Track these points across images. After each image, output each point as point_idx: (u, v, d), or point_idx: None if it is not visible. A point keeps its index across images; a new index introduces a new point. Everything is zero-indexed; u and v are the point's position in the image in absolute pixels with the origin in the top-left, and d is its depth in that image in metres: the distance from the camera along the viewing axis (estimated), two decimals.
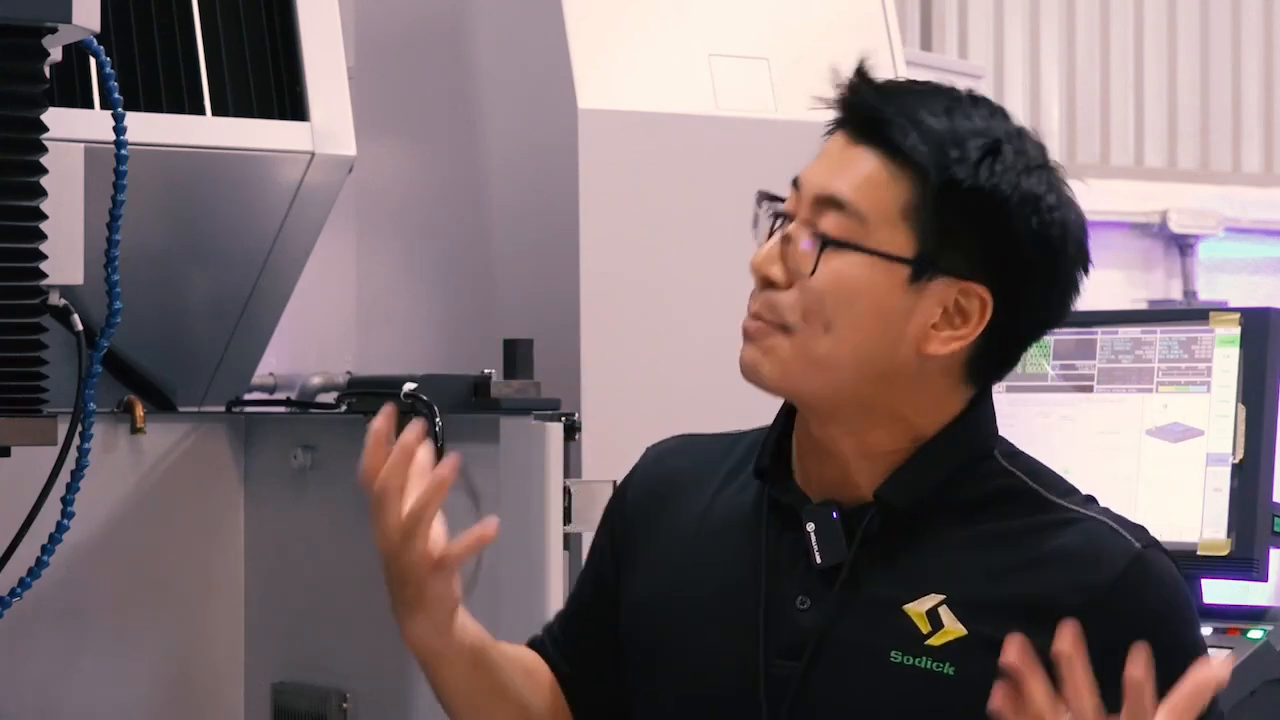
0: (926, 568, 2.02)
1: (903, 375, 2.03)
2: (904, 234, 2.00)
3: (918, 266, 2.00)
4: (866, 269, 2.00)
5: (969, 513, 2.05)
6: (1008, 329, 2.04)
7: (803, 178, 2.06)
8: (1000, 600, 1.99)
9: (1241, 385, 3.24)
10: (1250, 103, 10.82)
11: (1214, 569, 3.23)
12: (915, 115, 2.02)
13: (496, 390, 3.09)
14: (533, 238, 3.46)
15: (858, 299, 2.00)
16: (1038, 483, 2.07)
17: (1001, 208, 1.99)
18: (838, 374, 2.02)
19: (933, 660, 1.98)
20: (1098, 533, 2.03)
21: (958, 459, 2.06)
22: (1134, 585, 2.00)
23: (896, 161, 2.00)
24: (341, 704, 3.33)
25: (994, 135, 2.02)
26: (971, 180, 1.99)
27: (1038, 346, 3.43)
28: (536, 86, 3.45)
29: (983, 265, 2.00)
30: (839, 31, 3.62)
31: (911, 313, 2.01)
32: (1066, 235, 2.03)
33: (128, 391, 3.39)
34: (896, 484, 2.05)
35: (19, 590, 2.88)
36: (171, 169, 3.10)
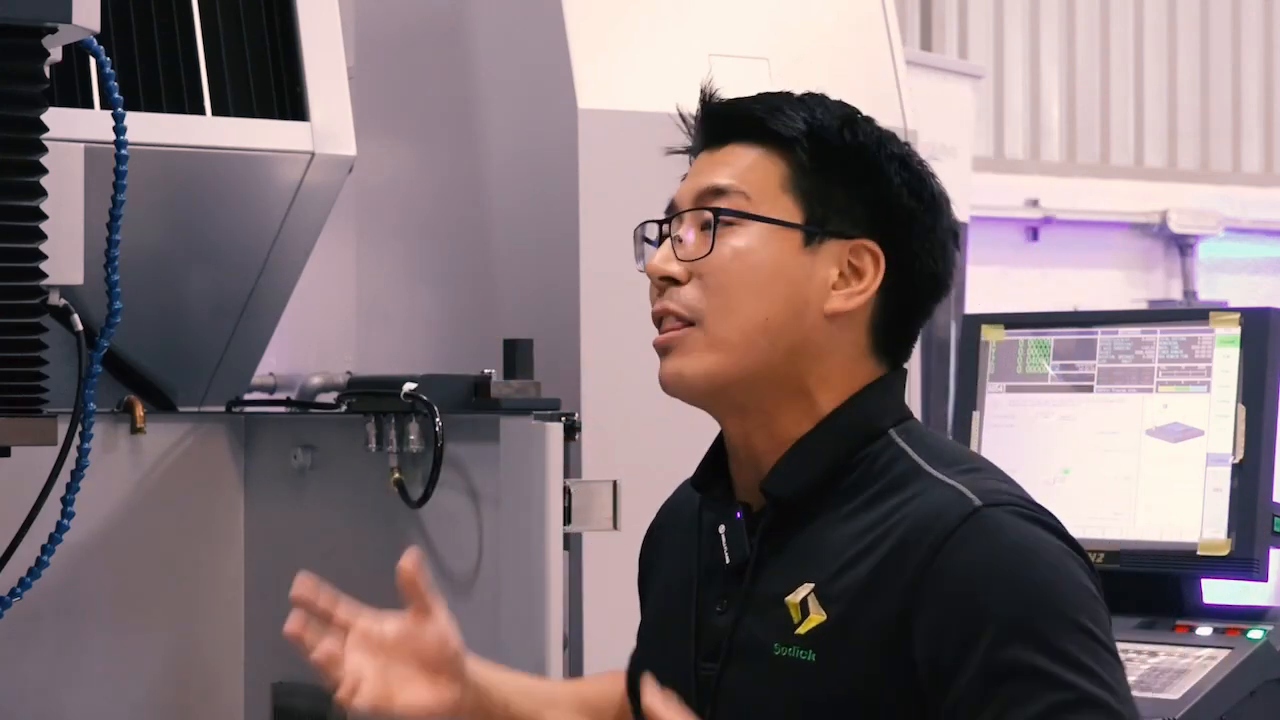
0: (807, 557, 2.06)
1: (812, 342, 2.09)
2: (790, 204, 2.10)
3: (808, 230, 2.09)
4: (760, 239, 2.09)
5: (854, 495, 2.08)
6: (903, 287, 2.12)
7: (677, 195, 2.16)
8: (857, 580, 2.00)
9: (1241, 385, 3.24)
10: (1250, 103, 10.82)
11: (1214, 569, 3.23)
12: (774, 103, 2.15)
13: (496, 390, 3.09)
14: (533, 238, 3.46)
15: (757, 269, 2.08)
16: (923, 456, 2.08)
17: (872, 162, 2.11)
18: (752, 350, 2.08)
19: (799, 648, 2.02)
20: (943, 496, 2.01)
21: (844, 443, 2.10)
22: (958, 544, 1.96)
23: (767, 144, 2.12)
24: None
25: (847, 111, 2.16)
26: (839, 141, 2.11)
27: (1038, 346, 3.44)
28: (536, 86, 3.45)
29: (868, 222, 2.11)
30: (839, 31, 3.63)
31: (810, 276, 2.09)
32: (936, 191, 2.14)
33: (128, 391, 3.39)
34: (779, 476, 2.10)
35: (19, 590, 2.88)
36: (171, 169, 3.10)
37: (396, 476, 3.12)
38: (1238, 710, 3.08)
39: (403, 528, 3.16)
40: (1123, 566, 3.25)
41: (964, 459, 2.10)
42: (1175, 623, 3.23)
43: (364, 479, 3.23)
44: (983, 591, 1.94)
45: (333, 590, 2.17)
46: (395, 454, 3.12)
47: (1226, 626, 3.19)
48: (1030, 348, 3.45)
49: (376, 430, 3.17)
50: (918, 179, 2.13)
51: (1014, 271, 9.83)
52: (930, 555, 1.96)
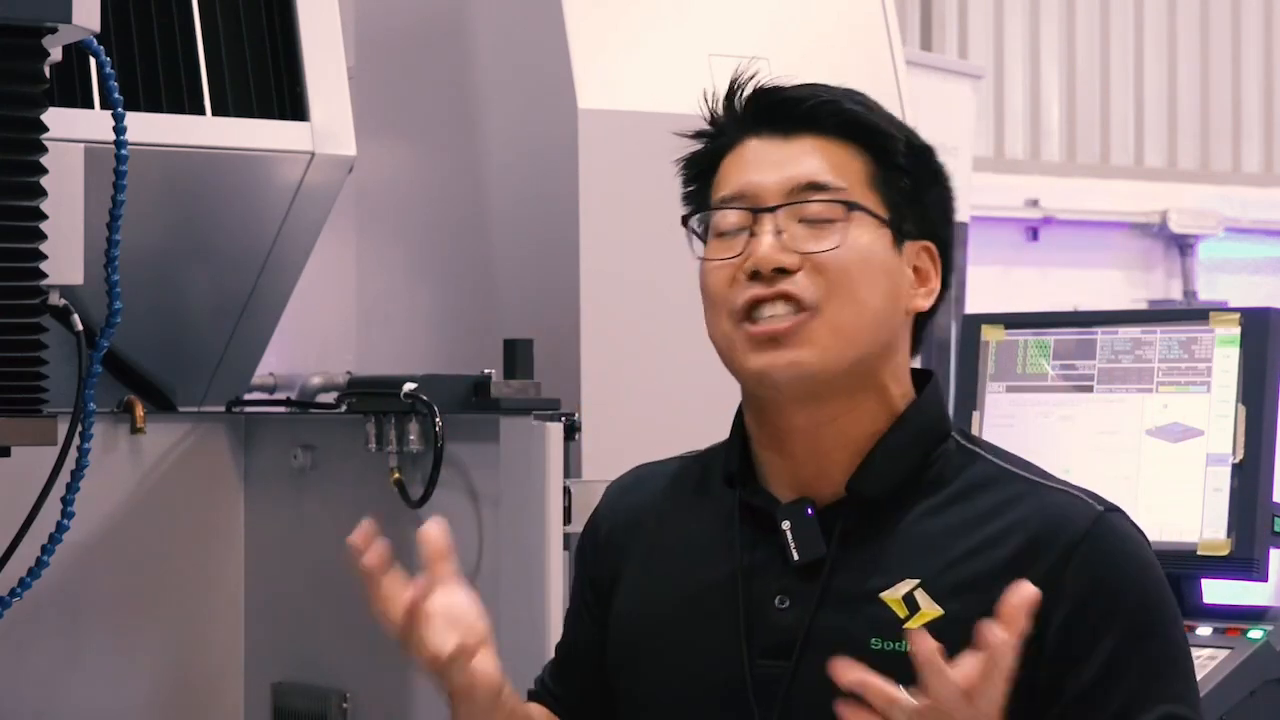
0: (899, 553, 2.06)
1: (897, 338, 2.14)
2: (877, 201, 2.12)
3: (896, 229, 2.12)
4: (871, 234, 2.11)
5: (935, 493, 2.10)
6: (943, 290, 2.18)
7: (757, 184, 2.12)
8: (972, 577, 2.03)
9: (1241, 385, 3.24)
10: (1250, 103, 10.83)
11: (1214, 569, 3.23)
12: (835, 95, 2.14)
13: (496, 390, 3.09)
14: (533, 238, 3.46)
15: (872, 263, 2.10)
16: (999, 459, 2.14)
17: (935, 167, 2.17)
18: (859, 344, 2.09)
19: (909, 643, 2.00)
20: (1059, 500, 2.09)
21: (924, 444, 2.13)
22: (1096, 545, 2.06)
23: (845, 139, 2.12)
24: (341, 704, 3.33)
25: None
26: (917, 142, 2.16)
27: (1038, 346, 3.44)
28: (536, 86, 3.44)
29: (925, 225, 2.15)
30: (839, 31, 3.63)
31: (902, 273, 2.13)
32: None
33: (128, 391, 3.39)
34: (867, 474, 2.10)
35: (19, 590, 2.88)
36: (171, 169, 3.10)
37: (396, 476, 3.12)
38: (1238, 710, 3.08)
39: (403, 528, 3.15)
40: None
41: (1024, 459, 2.17)
42: None
43: (364, 479, 3.23)
44: (1115, 593, 2.04)
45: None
46: (395, 454, 3.12)
47: (1226, 626, 3.19)
48: (1030, 348, 3.45)
49: (376, 430, 3.17)
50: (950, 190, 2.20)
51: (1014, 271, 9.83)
52: (1066, 555, 2.04)
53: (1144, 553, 2.10)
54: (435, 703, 3.16)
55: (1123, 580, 2.05)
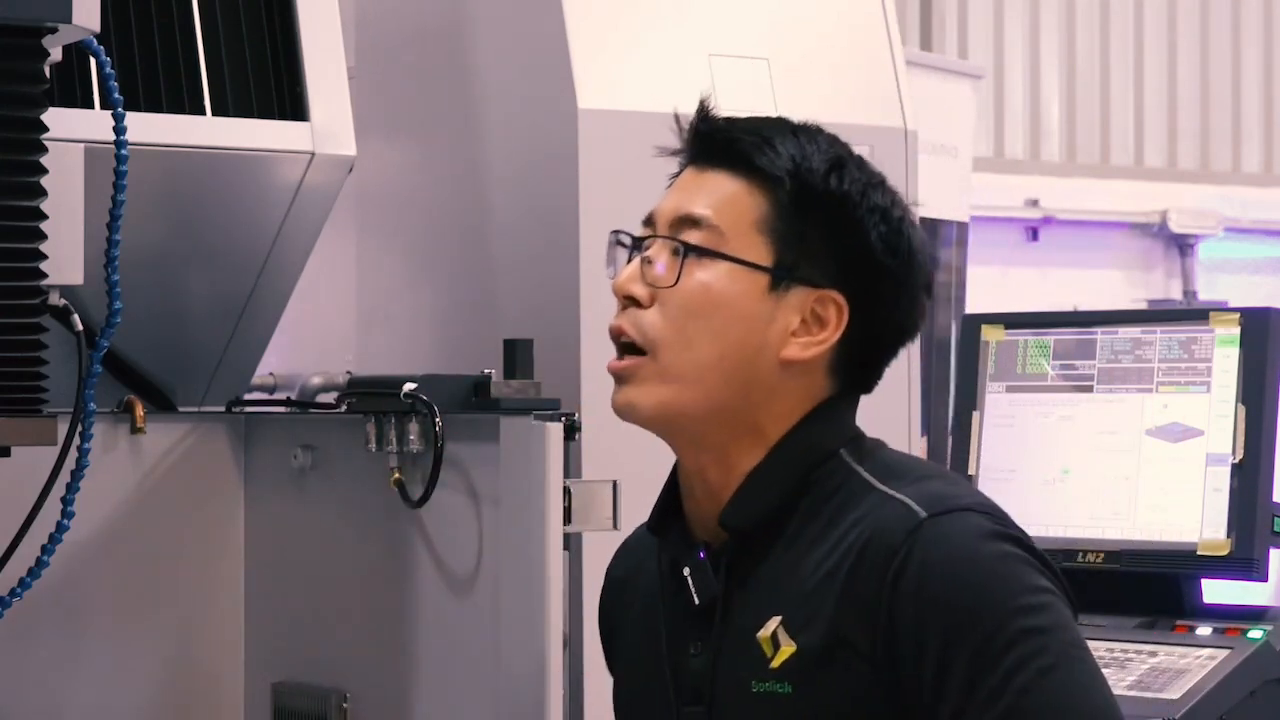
0: (772, 589, 2.06)
1: (764, 384, 2.08)
2: (761, 245, 2.08)
3: (776, 274, 2.08)
4: (727, 278, 2.08)
5: (810, 521, 2.07)
6: (865, 337, 2.11)
7: (656, 209, 2.16)
8: (823, 607, 2.01)
9: (1241, 385, 3.24)
10: (1250, 103, 10.83)
11: (1214, 569, 3.23)
12: (765, 135, 2.12)
13: (496, 390, 3.09)
14: (533, 237, 3.46)
15: (720, 307, 2.07)
16: (872, 472, 2.08)
17: (852, 214, 2.09)
18: (704, 387, 2.07)
19: (775, 682, 2.02)
20: (890, 513, 2.02)
21: (794, 468, 2.09)
22: (914, 561, 1.98)
23: (750, 178, 2.10)
24: (341, 704, 3.33)
25: (838, 154, 2.12)
26: (823, 187, 2.08)
27: (1038, 346, 3.44)
28: (536, 86, 3.44)
29: (837, 273, 2.09)
30: (839, 31, 3.63)
31: (771, 320, 2.08)
32: (913, 246, 2.12)
33: (128, 391, 3.39)
34: (737, 506, 2.09)
35: (19, 590, 2.88)
36: (171, 169, 3.10)
37: (396, 476, 3.12)
38: (1238, 710, 3.08)
39: (403, 528, 3.16)
40: (1123, 566, 3.25)
41: (915, 469, 2.10)
42: (1175, 623, 3.24)
43: (364, 479, 3.23)
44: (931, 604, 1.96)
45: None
46: (395, 454, 3.12)
47: (1226, 626, 3.19)
48: (1030, 348, 3.45)
49: (376, 430, 3.17)
50: (895, 233, 2.10)
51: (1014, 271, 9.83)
52: (883, 574, 1.98)
53: (970, 550, 1.98)
54: (435, 703, 3.17)
55: (944, 586, 1.96)
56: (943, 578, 1.97)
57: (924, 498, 2.02)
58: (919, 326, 2.15)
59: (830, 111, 3.44)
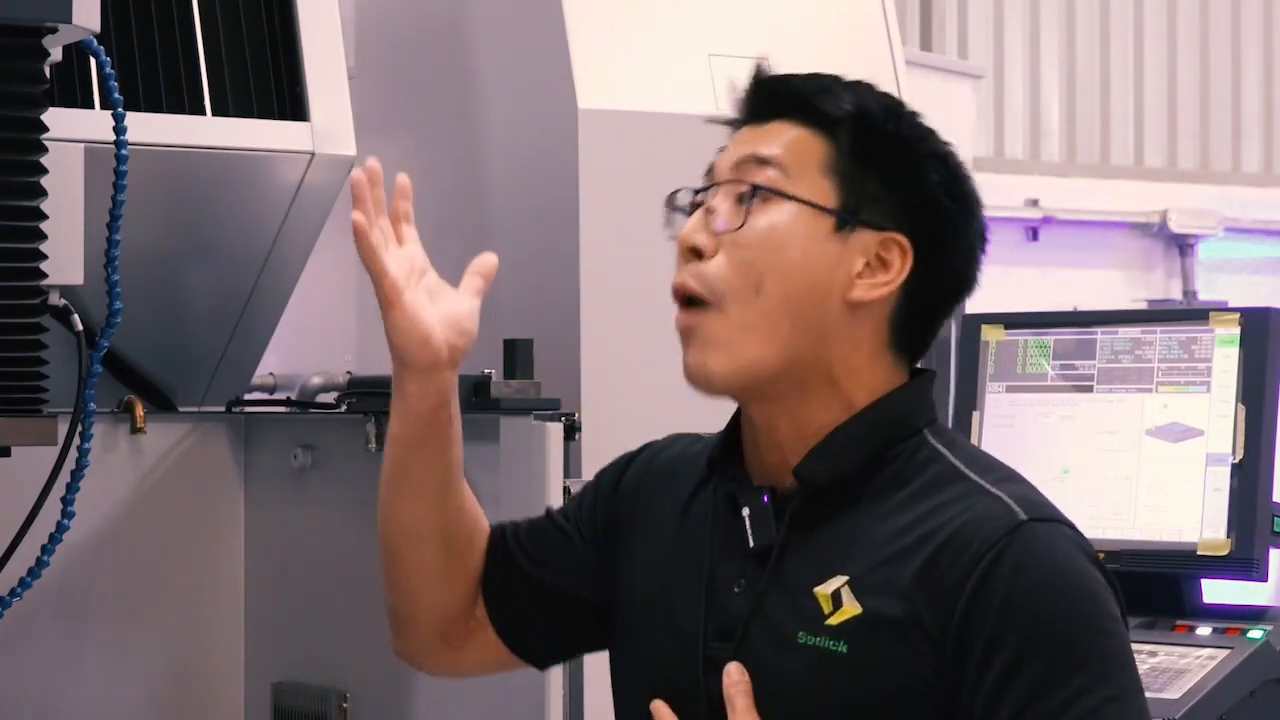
0: (838, 549, 2.06)
1: (834, 330, 2.08)
2: (827, 187, 2.09)
3: (841, 216, 2.08)
4: (793, 218, 2.08)
5: (889, 491, 2.07)
6: (927, 285, 2.12)
7: (715, 163, 2.15)
8: (898, 579, 2.01)
9: (1241, 385, 3.24)
10: (1250, 103, 10.82)
11: (1214, 569, 3.23)
12: (823, 84, 2.14)
13: (496, 390, 3.08)
14: (533, 237, 3.46)
15: (786, 248, 2.07)
16: (959, 459, 2.09)
17: (913, 157, 2.11)
18: (775, 335, 2.07)
19: (829, 639, 2.01)
20: (987, 507, 2.03)
21: (880, 436, 2.09)
22: (1008, 560, 1.98)
23: (810, 124, 2.11)
24: (341, 704, 3.33)
25: (892, 102, 2.15)
26: (884, 130, 2.11)
27: (1038, 346, 3.44)
28: (536, 86, 3.44)
29: (901, 216, 2.10)
30: (839, 31, 3.63)
31: (838, 262, 2.08)
32: (971, 193, 2.14)
33: (128, 391, 3.39)
34: (815, 461, 2.09)
35: (19, 590, 2.88)
36: (171, 169, 3.10)
37: None
38: (1238, 710, 3.08)
39: None
40: (1123, 566, 3.25)
41: (999, 466, 2.11)
42: (1175, 623, 3.24)
43: (364, 479, 3.23)
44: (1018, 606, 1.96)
45: None
46: None
47: (1226, 626, 3.19)
48: (1030, 348, 3.45)
49: (376, 430, 3.17)
50: (955, 179, 2.12)
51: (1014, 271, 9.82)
52: (974, 564, 1.98)
53: (1066, 564, 2.00)
54: (435, 702, 3.17)
55: (1027, 595, 1.96)
56: (1034, 583, 1.97)
57: (1022, 500, 2.03)
58: (976, 278, 2.16)
59: None
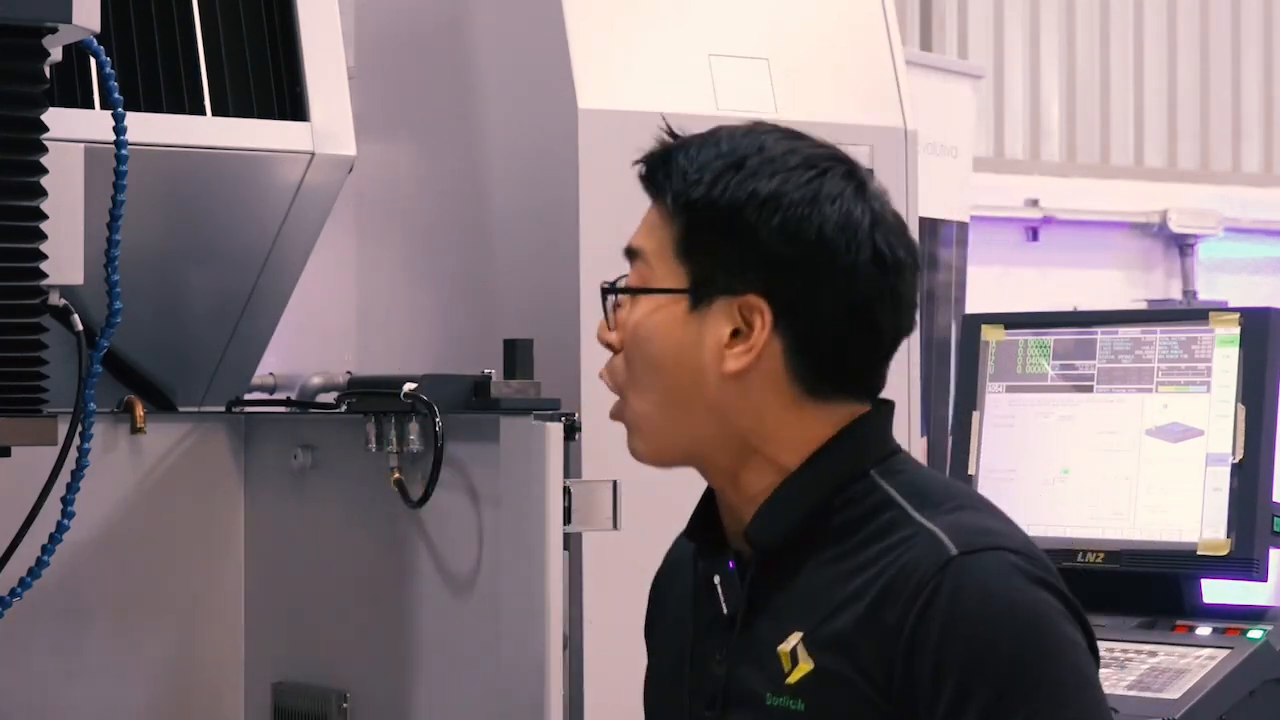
0: (797, 605, 2.05)
1: (728, 405, 2.06)
2: (678, 268, 2.07)
3: (694, 294, 2.06)
4: (652, 310, 2.08)
5: (840, 540, 2.05)
6: (805, 330, 2.05)
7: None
8: (843, 629, 2.00)
9: (1241, 385, 3.24)
10: (1250, 103, 10.82)
11: (1214, 569, 3.23)
12: (675, 157, 2.09)
13: (496, 390, 3.09)
14: (533, 237, 3.46)
15: (649, 341, 2.08)
16: (907, 497, 2.05)
17: (739, 215, 2.04)
18: (672, 423, 2.08)
19: (789, 697, 2.02)
20: (923, 546, 1.99)
21: (819, 490, 2.07)
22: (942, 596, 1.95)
23: (664, 204, 2.09)
24: (341, 704, 3.33)
25: (741, 153, 2.06)
26: (704, 196, 2.05)
27: (1038, 346, 3.44)
28: (536, 86, 3.44)
29: (750, 275, 2.04)
30: (839, 31, 3.62)
31: (699, 339, 2.06)
32: (824, 228, 2.03)
33: (128, 391, 3.39)
34: (760, 523, 2.08)
35: (19, 590, 2.88)
36: (171, 169, 3.10)
37: (396, 476, 3.12)
38: (1238, 710, 3.08)
39: (403, 528, 3.16)
40: (1123, 566, 3.25)
41: (950, 496, 2.07)
42: (1175, 623, 3.24)
43: (364, 479, 3.23)
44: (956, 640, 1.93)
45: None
46: (395, 454, 3.12)
47: (1226, 626, 3.19)
48: (1030, 348, 3.45)
49: (376, 430, 3.17)
50: (797, 220, 2.03)
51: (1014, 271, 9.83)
52: (909, 605, 1.96)
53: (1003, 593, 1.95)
54: (435, 703, 3.17)
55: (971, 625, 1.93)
56: (969, 616, 1.94)
57: (957, 531, 1.99)
58: (881, 302, 2.06)
59: (830, 111, 3.45)
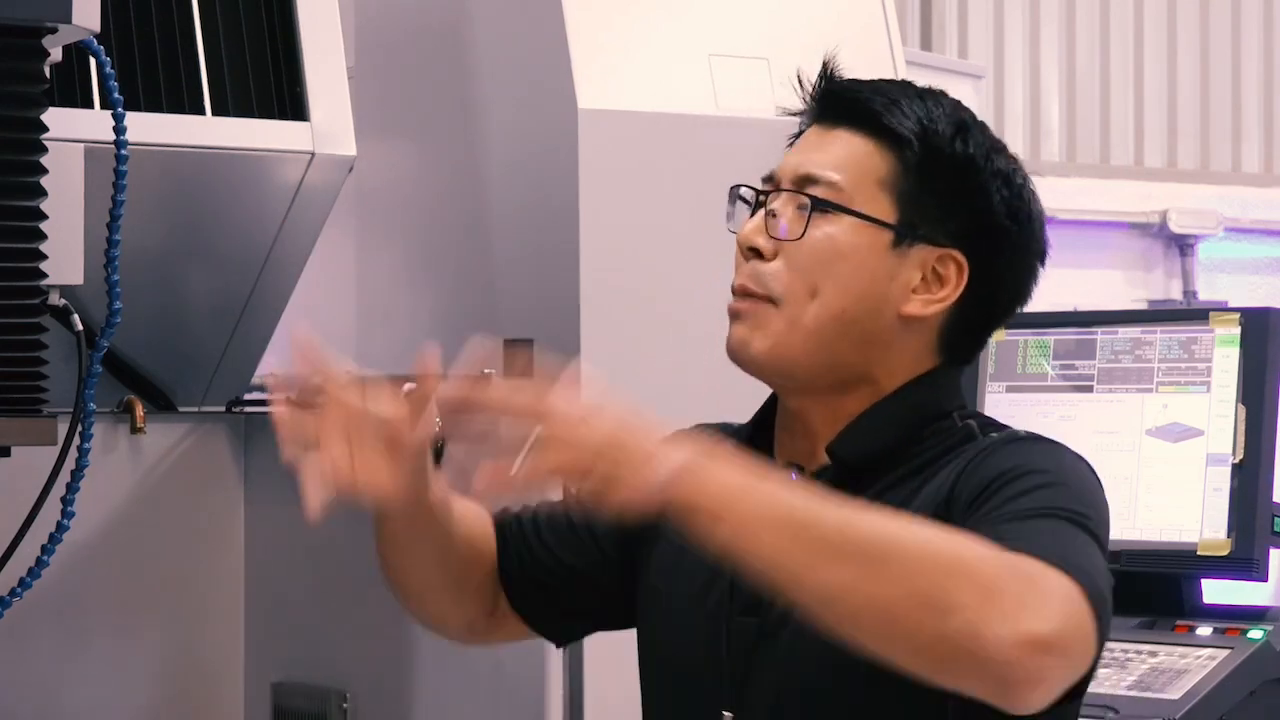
0: None
1: (882, 340, 2.13)
2: (885, 203, 2.13)
3: (899, 232, 2.12)
4: (852, 233, 2.12)
5: (918, 468, 2.12)
6: (981, 300, 2.16)
7: (779, 165, 2.18)
8: None
9: (1241, 385, 3.24)
10: (1250, 103, 10.82)
11: (1214, 569, 3.23)
12: (893, 96, 2.17)
13: None
14: (533, 237, 3.46)
15: (843, 260, 2.11)
16: (984, 430, 2.15)
17: (977, 177, 2.14)
18: (823, 339, 2.11)
19: None
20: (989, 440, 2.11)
21: (908, 417, 2.14)
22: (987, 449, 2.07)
23: (875, 137, 2.14)
24: (341, 704, 3.33)
25: (963, 117, 2.18)
26: (949, 150, 2.14)
27: (1038, 346, 3.44)
28: (536, 86, 3.44)
29: (959, 233, 2.14)
30: (839, 31, 3.62)
31: (894, 276, 2.12)
32: (1033, 212, 2.18)
33: (128, 391, 3.39)
34: (846, 439, 2.13)
35: (19, 590, 2.89)
36: (171, 169, 3.10)
37: None
38: (1238, 710, 3.08)
39: None
40: (1123, 566, 3.24)
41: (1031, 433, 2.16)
42: (1175, 623, 3.24)
43: None
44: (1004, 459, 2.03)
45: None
46: None
47: (1226, 626, 3.19)
48: (1030, 348, 3.45)
49: None
50: (1018, 198, 2.16)
51: None
52: (963, 465, 2.05)
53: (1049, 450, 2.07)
54: (435, 703, 3.17)
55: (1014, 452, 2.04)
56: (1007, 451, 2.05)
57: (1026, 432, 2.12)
58: (1030, 294, 2.20)
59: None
